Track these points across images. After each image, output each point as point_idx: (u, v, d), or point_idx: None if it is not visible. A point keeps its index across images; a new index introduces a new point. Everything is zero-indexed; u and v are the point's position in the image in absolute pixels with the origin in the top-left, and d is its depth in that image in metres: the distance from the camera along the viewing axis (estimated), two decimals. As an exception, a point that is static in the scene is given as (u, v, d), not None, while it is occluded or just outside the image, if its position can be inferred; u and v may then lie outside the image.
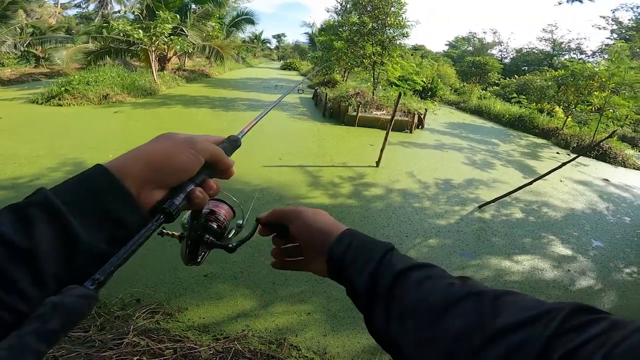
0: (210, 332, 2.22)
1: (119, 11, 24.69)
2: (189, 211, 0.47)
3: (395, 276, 0.39)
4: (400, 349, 0.36)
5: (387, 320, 0.37)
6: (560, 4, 13.13)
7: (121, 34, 12.07)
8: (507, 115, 13.89)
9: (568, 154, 9.74)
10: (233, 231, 0.57)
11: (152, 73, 12.50)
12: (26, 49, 14.84)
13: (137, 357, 1.63)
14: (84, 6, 28.65)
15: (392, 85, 12.44)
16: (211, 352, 1.85)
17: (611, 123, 10.95)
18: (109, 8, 26.01)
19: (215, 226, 0.51)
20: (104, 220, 0.33)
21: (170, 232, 0.51)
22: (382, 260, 0.41)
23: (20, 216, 0.30)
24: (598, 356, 0.24)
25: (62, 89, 8.98)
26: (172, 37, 13.19)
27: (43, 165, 4.69)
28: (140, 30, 11.68)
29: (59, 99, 8.70)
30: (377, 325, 0.39)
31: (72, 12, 28.40)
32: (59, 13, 26.22)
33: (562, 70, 12.44)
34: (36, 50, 16.14)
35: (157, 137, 0.42)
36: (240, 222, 0.59)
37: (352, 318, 2.51)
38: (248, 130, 0.59)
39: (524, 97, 15.16)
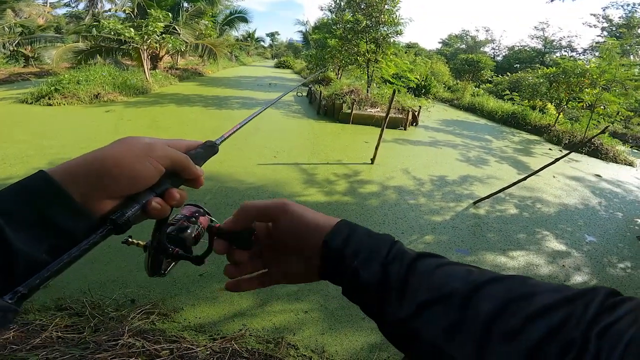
0: (207, 332, 2.19)
1: (109, 10, 24.35)
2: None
3: (409, 264, 0.37)
4: (422, 340, 0.33)
5: (405, 311, 0.34)
6: (551, 1, 13.24)
7: (112, 33, 11.91)
8: (500, 112, 14.00)
9: (560, 150, 9.84)
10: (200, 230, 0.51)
11: (144, 72, 12.35)
12: (15, 48, 14.57)
13: (133, 358, 1.60)
14: (73, 5, 28.19)
15: (386, 83, 12.45)
16: (208, 352, 1.82)
17: (602, 120, 11.08)
18: (99, 7, 25.63)
19: (185, 234, 0.47)
20: (44, 229, 0.32)
21: (136, 241, 0.47)
22: (391, 250, 0.38)
23: None
24: (629, 334, 0.26)
25: (52, 88, 8.83)
26: (164, 35, 13.06)
27: (33, 166, 4.60)
28: (132, 29, 11.54)
29: (49, 98, 8.54)
30: (392, 318, 0.35)
31: (61, 11, 27.93)
32: (48, 12, 25.79)
33: (554, 68, 12.54)
34: (25, 49, 15.86)
35: (116, 141, 0.38)
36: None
37: (350, 316, 2.50)
38: (229, 136, 0.56)
39: (516, 94, 15.29)
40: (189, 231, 0.47)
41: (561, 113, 12.59)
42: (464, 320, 0.31)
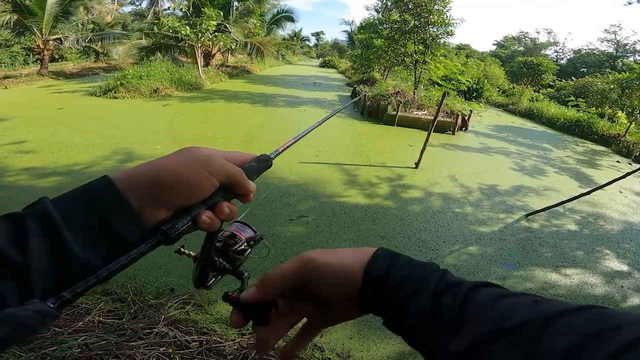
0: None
1: (168, 8, 26.04)
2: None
3: (465, 295, 0.32)
4: None
5: (461, 345, 0.30)
6: (630, 4, 11.88)
7: (170, 31, 12.72)
8: (562, 119, 12.87)
9: (630, 164, 8.85)
10: (249, 252, 0.51)
11: (198, 68, 13.05)
12: (87, 44, 16.11)
13: (164, 348, 1.62)
14: (138, 3, 30.58)
15: (434, 85, 11.98)
16: (235, 347, 1.82)
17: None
18: (159, 5, 27.46)
19: (233, 251, 0.48)
20: (102, 236, 0.33)
21: (187, 252, 0.49)
22: (441, 280, 0.34)
23: (17, 228, 0.30)
24: None
25: (118, 82, 9.65)
26: (216, 33, 13.67)
27: (97, 154, 5.03)
28: (187, 27, 12.22)
29: (115, 92, 9.35)
30: (445, 352, 0.31)
31: (127, 9, 30.43)
32: (115, 10, 28.24)
33: (627, 73, 11.38)
34: (96, 46, 17.48)
35: (176, 151, 0.39)
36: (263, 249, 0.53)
37: (380, 322, 2.41)
38: (283, 150, 0.57)
39: (582, 100, 13.96)
40: (235, 247, 0.48)
41: (633, 122, 11.28)
42: (536, 357, 0.26)
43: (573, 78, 19.65)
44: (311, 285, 0.38)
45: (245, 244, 0.50)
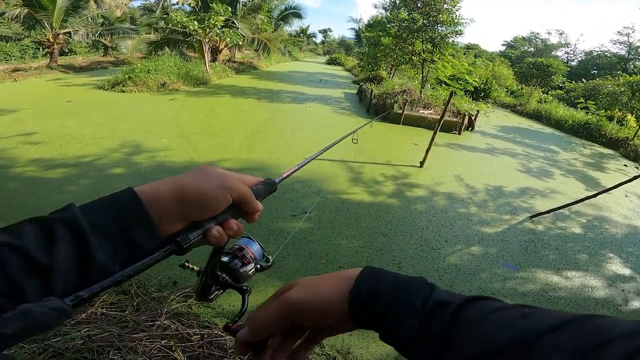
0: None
1: (176, 2, 26.05)
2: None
3: (453, 313, 0.32)
4: None
5: None
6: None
7: (178, 25, 12.75)
8: (570, 122, 12.70)
9: (637, 167, 8.73)
10: (256, 269, 0.53)
11: (205, 64, 13.08)
12: (97, 38, 16.23)
13: (166, 340, 1.63)
14: (147, -3, 30.56)
15: (441, 84, 11.88)
16: None
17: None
18: (168, 0, 27.48)
19: (237, 265, 0.50)
20: (123, 244, 0.35)
21: (191, 266, 0.51)
22: (427, 300, 0.34)
23: (45, 231, 0.32)
24: None
25: (126, 76, 9.72)
26: (224, 29, 13.69)
27: (105, 146, 5.09)
28: (196, 22, 12.25)
29: (123, 86, 9.42)
30: None
31: (136, 3, 30.52)
32: (125, 4, 28.36)
33: (639, 76, 11.17)
34: (105, 40, 17.59)
35: (196, 169, 0.42)
36: (265, 263, 0.54)
37: None
38: (287, 176, 0.59)
39: (592, 102, 13.76)
40: (239, 262, 0.50)
41: (643, 126, 11.11)
42: None
43: (583, 80, 19.36)
44: (302, 322, 0.38)
45: (253, 265, 0.52)
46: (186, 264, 0.52)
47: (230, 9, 13.99)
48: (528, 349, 0.27)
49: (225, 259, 0.50)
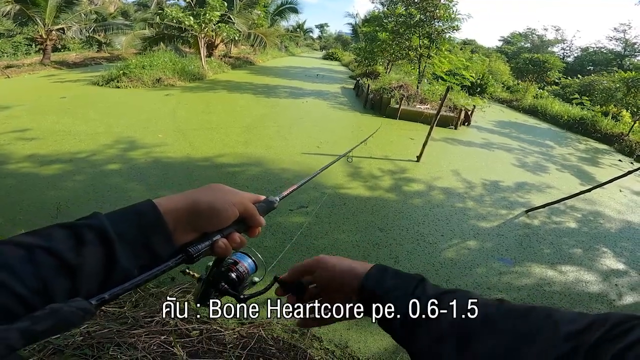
0: (236, 316, 2.23)
1: (172, -3, 25.71)
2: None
3: (433, 301, 0.41)
4: (419, 342, 0.40)
5: (422, 344, 0.40)
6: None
7: (174, 21, 12.61)
8: (565, 117, 12.79)
9: (631, 162, 8.82)
10: (247, 285, 0.59)
11: (201, 59, 12.97)
12: (90, 34, 16.03)
13: (165, 336, 1.64)
14: (141, -7, 30.16)
15: (438, 80, 11.88)
16: (235, 336, 1.84)
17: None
18: (163, -5, 27.13)
19: (234, 276, 0.55)
20: (143, 251, 0.39)
21: (192, 273, 0.56)
22: (417, 288, 0.43)
23: (74, 235, 0.35)
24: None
25: (121, 72, 9.62)
26: (219, 24, 13.56)
27: (100, 142, 5.05)
28: (191, 17, 12.12)
29: (117, 82, 9.33)
30: (418, 347, 0.41)
31: (130, -2, 30.07)
32: (119, 0, 27.97)
33: (634, 72, 11.26)
34: (99, 36, 17.39)
35: (206, 186, 0.47)
36: (257, 279, 0.61)
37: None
38: (287, 195, 0.63)
39: (587, 98, 13.84)
40: (241, 271, 0.56)
41: (638, 121, 11.20)
42: (481, 354, 0.36)
43: (579, 76, 19.44)
44: (316, 276, 0.51)
45: (244, 271, 0.57)
46: (187, 270, 0.56)
47: (226, 3, 13.82)
48: (463, 342, 0.37)
49: (224, 269, 0.54)
